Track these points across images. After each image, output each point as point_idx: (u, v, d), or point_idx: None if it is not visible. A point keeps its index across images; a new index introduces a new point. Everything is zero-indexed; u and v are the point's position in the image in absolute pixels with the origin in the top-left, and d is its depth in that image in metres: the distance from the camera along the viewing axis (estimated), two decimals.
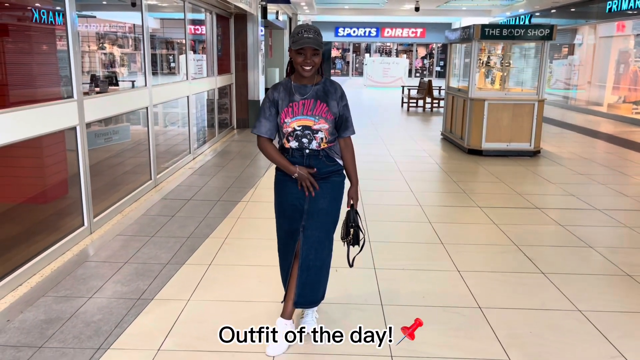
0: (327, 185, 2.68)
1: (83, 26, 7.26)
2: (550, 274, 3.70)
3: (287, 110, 2.60)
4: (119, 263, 3.82)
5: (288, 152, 2.65)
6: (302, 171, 2.61)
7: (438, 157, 8.08)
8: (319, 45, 2.49)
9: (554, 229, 4.70)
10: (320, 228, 2.67)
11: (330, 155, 2.68)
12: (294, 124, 2.59)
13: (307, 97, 2.61)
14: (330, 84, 2.68)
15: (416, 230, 4.64)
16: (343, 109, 2.69)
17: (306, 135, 2.60)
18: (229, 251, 4.08)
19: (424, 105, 15.05)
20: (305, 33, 2.48)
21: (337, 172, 2.73)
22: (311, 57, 2.51)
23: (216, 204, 5.34)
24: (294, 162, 2.63)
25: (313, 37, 2.48)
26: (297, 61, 2.52)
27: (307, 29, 2.50)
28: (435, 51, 34.28)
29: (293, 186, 2.67)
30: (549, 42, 7.92)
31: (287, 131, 2.61)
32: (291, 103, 2.60)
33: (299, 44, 2.47)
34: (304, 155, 2.63)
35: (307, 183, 2.61)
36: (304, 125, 2.59)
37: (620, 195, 5.87)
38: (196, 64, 8.59)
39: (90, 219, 4.46)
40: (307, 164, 2.64)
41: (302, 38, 2.47)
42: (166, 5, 8.19)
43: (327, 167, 2.67)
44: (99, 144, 5.33)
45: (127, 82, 8.28)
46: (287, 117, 2.59)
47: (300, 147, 2.62)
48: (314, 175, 2.65)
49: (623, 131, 11.11)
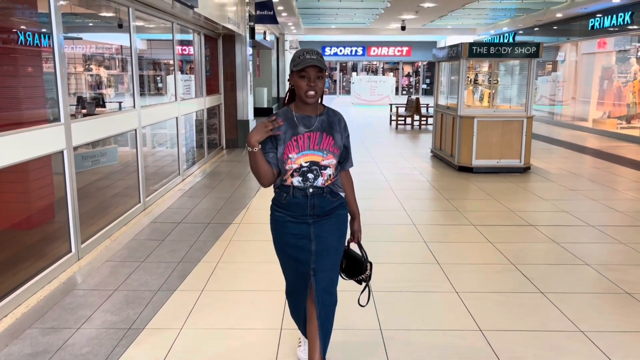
0: (333, 221, 2.45)
1: (69, 48, 7.21)
2: (549, 293, 3.66)
3: (292, 144, 2.33)
4: (108, 291, 3.70)
5: (288, 192, 2.38)
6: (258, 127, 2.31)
7: (429, 175, 8.07)
8: (323, 65, 2.29)
9: (549, 247, 4.66)
10: (331, 269, 2.45)
11: (334, 190, 2.45)
12: (300, 160, 2.33)
13: (313, 130, 2.36)
14: (333, 114, 2.47)
15: (411, 250, 4.58)
16: (346, 140, 2.48)
17: (313, 171, 2.35)
18: (221, 276, 3.99)
19: (412, 122, 15.12)
20: (307, 54, 2.28)
21: (341, 205, 2.50)
22: (315, 80, 2.28)
23: (207, 226, 5.24)
24: (296, 203, 2.38)
25: (316, 57, 2.28)
26: (301, 86, 2.29)
27: (308, 50, 2.31)
28: (421, 69, 34.66)
29: (295, 226, 2.40)
30: (536, 59, 8.00)
31: (291, 167, 2.33)
32: (295, 136, 2.33)
33: (301, 64, 2.25)
34: (307, 195, 2.37)
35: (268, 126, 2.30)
36: (311, 161, 2.34)
37: (612, 210, 5.87)
38: (184, 84, 8.55)
39: (77, 244, 4.34)
40: (312, 204, 2.38)
41: (304, 59, 2.27)
42: (154, 26, 8.17)
43: (331, 203, 2.44)
44: (86, 166, 5.23)
45: (114, 104, 8.23)
46: (292, 152, 2.32)
47: (303, 186, 2.36)
48: (318, 214, 2.41)
49: (609, 146, 11.22)
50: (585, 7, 12.60)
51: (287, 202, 2.40)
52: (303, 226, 2.41)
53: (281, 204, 2.42)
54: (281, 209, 2.43)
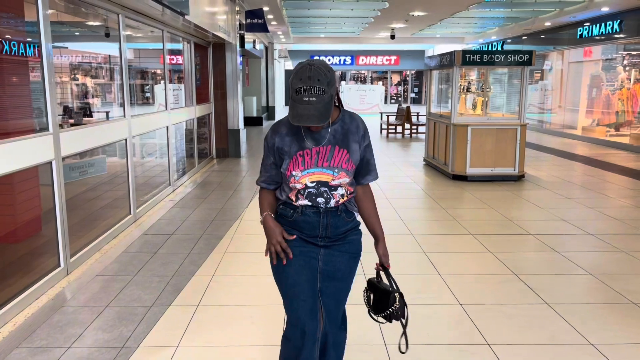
0: (345, 247, 2.09)
1: (56, 57, 7.06)
2: (555, 304, 3.57)
3: (296, 160, 1.96)
4: (99, 307, 3.55)
5: (296, 210, 2.03)
6: (275, 231, 2.01)
7: (423, 184, 7.99)
8: (326, 112, 1.81)
9: (550, 256, 4.59)
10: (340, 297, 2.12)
11: (349, 209, 2.09)
12: (305, 180, 1.97)
13: (324, 144, 1.98)
14: (350, 119, 2.05)
15: (411, 261, 4.47)
16: (365, 150, 2.08)
17: (322, 193, 1.99)
18: (217, 290, 3.85)
19: (402, 131, 15.09)
20: (305, 94, 1.78)
21: (355, 228, 2.14)
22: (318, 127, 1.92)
23: (200, 238, 5.11)
24: (307, 221, 2.03)
25: (316, 99, 1.78)
26: None
27: (308, 87, 1.78)
28: (409, 78, 34.81)
29: (301, 242, 2.06)
30: (529, 67, 8.00)
31: (294, 187, 1.99)
32: (301, 151, 1.97)
33: (294, 115, 1.81)
34: (320, 212, 2.01)
35: (278, 248, 2.00)
36: (319, 181, 1.98)
37: (610, 218, 5.83)
38: (174, 93, 8.42)
39: (66, 258, 4.18)
40: (324, 224, 2.03)
41: (301, 102, 1.79)
42: (143, 34, 8.04)
43: (345, 224, 2.07)
44: (74, 177, 5.09)
45: (101, 113, 8.07)
46: (295, 169, 1.96)
47: (314, 205, 2.02)
48: (330, 235, 2.06)
49: (599, 153, 11.25)
50: (574, 15, 12.69)
51: (295, 220, 2.05)
52: (311, 246, 2.08)
53: (286, 220, 2.08)
54: (287, 227, 2.08)
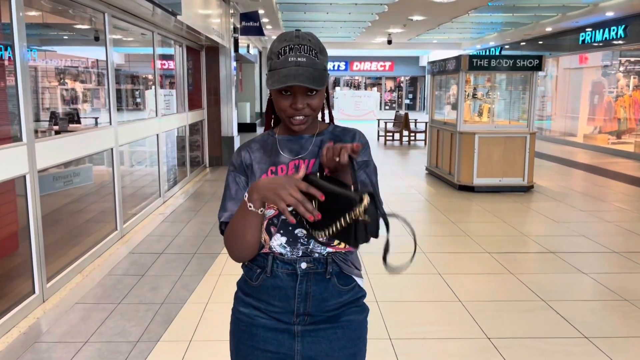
0: (338, 334, 1.43)
1: (43, 61, 6.62)
2: (595, 338, 3.16)
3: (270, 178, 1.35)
4: (77, 343, 3.10)
5: (264, 265, 1.41)
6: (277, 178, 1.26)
7: (428, 194, 7.59)
8: (320, 79, 1.32)
9: (578, 279, 4.19)
10: None
11: (345, 270, 1.41)
12: None
13: (305, 156, 1.43)
14: (343, 132, 1.50)
15: (427, 285, 4.06)
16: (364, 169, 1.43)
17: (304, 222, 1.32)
18: (212, 321, 3.41)
19: (400, 138, 14.72)
20: (291, 54, 1.31)
21: (357, 300, 1.47)
22: (303, 98, 1.34)
23: (192, 258, 4.66)
24: (276, 287, 1.40)
25: (307, 61, 1.31)
26: (281, 107, 1.35)
27: (295, 44, 1.32)
28: (403, 84, 34.54)
29: (269, 336, 1.42)
30: (538, 72, 7.65)
31: (265, 214, 1.35)
32: (273, 167, 1.42)
33: (279, 77, 1.30)
34: (296, 272, 1.39)
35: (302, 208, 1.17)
36: None
37: (632, 234, 5.45)
38: (165, 99, 7.98)
39: (42, 283, 3.72)
40: (301, 293, 1.39)
41: (286, 63, 1.31)
42: (133, 38, 7.61)
43: (338, 295, 1.42)
44: (58, 188, 4.65)
45: (90, 119, 7.62)
46: None
47: (290, 256, 1.38)
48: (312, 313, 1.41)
49: (604, 162, 10.92)
50: (576, 20, 12.40)
51: (260, 285, 1.42)
52: (283, 337, 1.41)
53: (251, 287, 1.45)
54: (249, 300, 1.45)
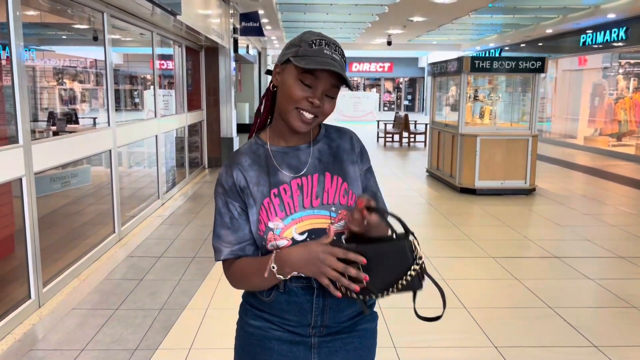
0: (354, 344, 1.38)
1: (42, 61, 6.54)
2: (604, 347, 3.09)
3: (270, 204, 1.27)
4: (73, 351, 3.02)
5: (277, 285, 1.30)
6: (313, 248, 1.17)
7: (430, 197, 7.52)
8: (346, 77, 1.24)
9: (585, 285, 4.12)
10: None
11: None
12: (291, 232, 1.26)
13: (305, 173, 1.31)
14: (339, 134, 1.42)
15: (430, 291, 3.97)
16: (366, 177, 1.41)
17: None
18: (212, 327, 3.33)
19: (400, 139, 14.65)
20: (327, 48, 1.24)
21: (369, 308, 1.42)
22: (323, 96, 1.25)
23: (192, 261, 4.58)
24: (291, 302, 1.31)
25: (340, 60, 1.25)
26: (296, 96, 1.23)
27: (332, 42, 1.26)
28: (402, 85, 34.50)
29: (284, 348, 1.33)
30: (540, 74, 7.59)
31: (276, 247, 1.26)
32: (275, 189, 1.28)
33: (315, 61, 1.21)
34: (312, 285, 1.29)
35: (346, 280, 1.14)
36: (311, 230, 1.27)
37: (638, 239, 5.38)
38: (164, 99, 7.90)
39: (38, 288, 3.64)
40: (318, 307, 1.31)
41: (321, 54, 1.22)
42: (132, 38, 7.53)
43: (350, 306, 1.35)
44: (55, 189, 4.57)
45: (88, 120, 7.54)
46: (272, 217, 1.26)
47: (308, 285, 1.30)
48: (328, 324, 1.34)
49: (606, 164, 10.87)
50: (577, 22, 12.35)
51: (274, 301, 1.32)
52: (299, 350, 1.34)
53: (262, 303, 1.34)
54: (261, 314, 1.34)
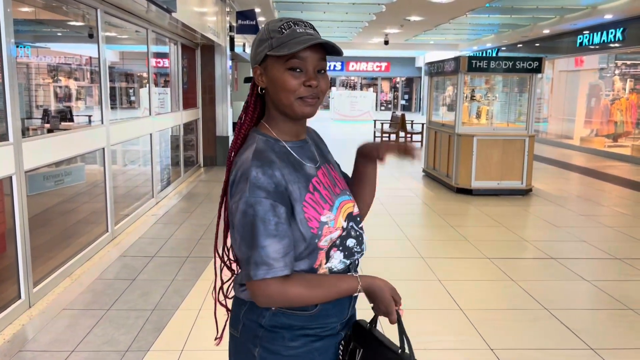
0: None
1: (36, 58, 6.46)
2: (601, 349, 3.06)
3: (313, 198, 1.24)
4: (64, 352, 2.97)
5: None
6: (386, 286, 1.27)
7: (426, 197, 7.49)
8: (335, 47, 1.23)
9: (581, 287, 4.09)
10: None
11: None
12: (340, 221, 1.27)
13: (319, 164, 1.34)
14: (317, 136, 1.48)
15: (427, 292, 3.95)
16: None
17: (350, 232, 1.30)
18: (205, 329, 3.29)
19: (397, 139, 14.62)
20: (297, 27, 1.21)
21: None
22: (316, 74, 1.24)
23: (185, 261, 4.53)
24: (337, 304, 1.29)
25: (316, 33, 1.24)
26: (290, 87, 1.21)
27: (298, 21, 1.24)
28: (399, 85, 34.47)
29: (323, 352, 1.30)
30: (537, 74, 7.56)
31: (331, 239, 1.24)
32: (310, 184, 1.26)
33: (294, 44, 1.18)
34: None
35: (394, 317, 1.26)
36: (347, 215, 1.31)
37: (634, 240, 5.36)
38: (159, 97, 7.84)
39: (28, 288, 3.59)
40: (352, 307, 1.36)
41: (295, 34, 1.20)
42: (127, 35, 7.47)
43: None
44: (48, 187, 4.50)
45: (83, 117, 7.47)
46: (323, 210, 1.24)
47: (345, 266, 1.30)
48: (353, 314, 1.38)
49: (602, 165, 10.86)
50: (574, 23, 12.34)
51: (320, 311, 1.27)
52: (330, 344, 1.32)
53: (300, 318, 1.26)
54: (301, 331, 1.27)
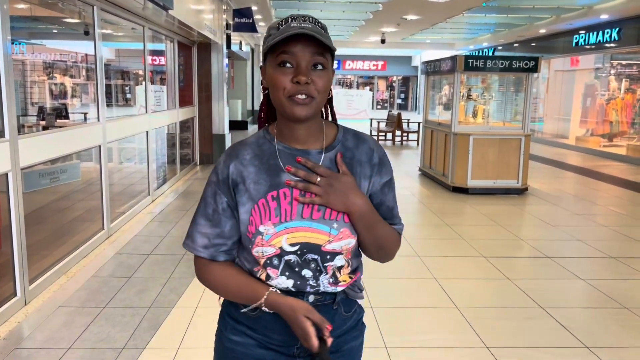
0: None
1: (32, 55, 6.44)
2: (596, 348, 3.08)
3: (265, 206, 1.18)
4: (59, 349, 2.96)
5: None
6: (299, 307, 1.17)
7: (422, 196, 7.51)
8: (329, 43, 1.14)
9: (576, 285, 4.11)
10: None
11: (351, 296, 1.31)
12: (281, 241, 1.18)
13: None
14: (357, 141, 1.26)
15: (423, 290, 3.96)
16: (383, 191, 1.27)
17: (309, 263, 1.20)
18: (201, 327, 3.28)
19: (393, 138, 14.64)
20: (294, 22, 1.15)
21: (356, 326, 1.35)
22: (308, 71, 1.13)
23: (181, 259, 4.53)
24: (279, 322, 1.23)
25: (312, 27, 1.14)
26: (280, 84, 1.14)
27: (298, 16, 1.17)
28: (395, 84, 34.51)
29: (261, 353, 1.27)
30: (534, 74, 7.59)
31: (260, 254, 1.20)
32: (274, 191, 1.19)
33: (279, 36, 1.12)
34: None
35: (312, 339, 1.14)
36: (304, 244, 1.19)
37: (629, 239, 5.39)
38: (155, 95, 7.82)
39: (24, 286, 3.57)
40: None
41: (288, 29, 1.13)
42: (124, 33, 7.44)
43: (343, 322, 1.30)
44: (44, 185, 4.49)
45: (79, 115, 7.44)
46: (264, 220, 1.18)
47: (297, 289, 1.23)
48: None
49: (597, 165, 10.91)
50: (570, 22, 12.38)
51: (259, 317, 1.26)
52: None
53: (244, 317, 1.26)
54: (242, 328, 1.28)
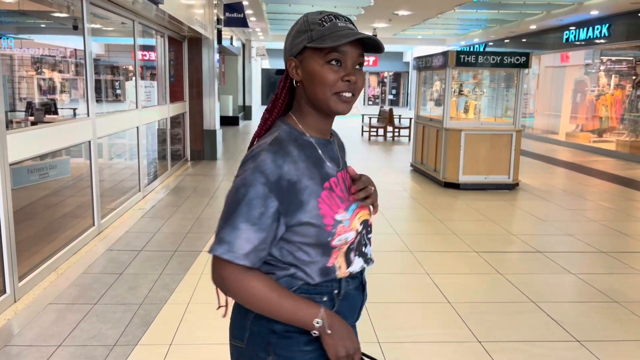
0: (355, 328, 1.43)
1: (20, 50, 6.35)
2: (587, 341, 3.10)
3: (329, 196, 1.20)
4: (50, 347, 2.94)
5: (337, 289, 1.27)
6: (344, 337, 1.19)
7: (413, 191, 7.52)
8: (376, 40, 1.18)
9: (567, 280, 4.14)
10: None
11: None
12: (355, 223, 1.24)
13: (342, 167, 1.29)
14: (335, 133, 1.40)
15: (415, 285, 3.96)
16: None
17: (364, 238, 1.32)
18: (193, 323, 3.27)
19: (384, 134, 14.65)
20: (339, 22, 1.16)
21: None
22: (355, 71, 1.19)
23: (173, 255, 4.50)
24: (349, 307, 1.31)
25: (355, 27, 1.20)
26: (328, 81, 1.16)
27: (340, 15, 1.19)
28: (387, 80, 34.53)
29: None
30: (525, 69, 7.61)
31: (345, 241, 1.22)
32: (327, 181, 1.21)
33: (338, 36, 1.14)
34: (362, 282, 1.36)
35: None
36: (365, 221, 1.30)
37: (618, 233, 5.43)
38: (146, 90, 7.76)
39: (14, 282, 3.54)
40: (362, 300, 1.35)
41: (337, 28, 1.15)
42: (113, 27, 7.37)
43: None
44: (33, 181, 4.45)
45: (68, 110, 7.36)
46: (336, 209, 1.20)
47: (359, 269, 1.32)
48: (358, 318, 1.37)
49: (587, 160, 10.99)
50: (560, 19, 12.43)
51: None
52: None
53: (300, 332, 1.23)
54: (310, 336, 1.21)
